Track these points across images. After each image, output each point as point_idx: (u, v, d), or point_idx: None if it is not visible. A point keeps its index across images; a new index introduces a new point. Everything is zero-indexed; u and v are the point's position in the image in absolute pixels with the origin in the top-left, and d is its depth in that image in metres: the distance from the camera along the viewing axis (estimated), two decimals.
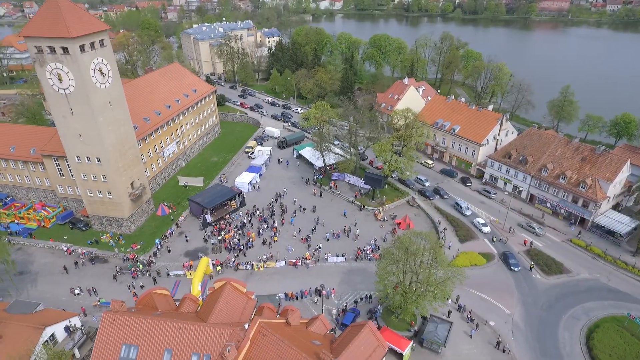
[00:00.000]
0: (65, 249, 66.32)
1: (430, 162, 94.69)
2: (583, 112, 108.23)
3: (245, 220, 72.98)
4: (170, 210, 77.17)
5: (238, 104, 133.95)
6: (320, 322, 40.44)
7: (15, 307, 47.11)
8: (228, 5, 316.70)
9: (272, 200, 79.54)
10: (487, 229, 70.64)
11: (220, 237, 68.15)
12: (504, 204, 77.67)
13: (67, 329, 46.50)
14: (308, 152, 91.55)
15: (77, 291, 57.43)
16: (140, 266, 61.34)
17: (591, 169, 71.04)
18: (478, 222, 72.13)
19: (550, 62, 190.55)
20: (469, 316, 52.76)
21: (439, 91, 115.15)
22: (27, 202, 79.65)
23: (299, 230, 70.00)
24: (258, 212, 75.50)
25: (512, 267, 61.85)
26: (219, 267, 61.54)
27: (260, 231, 69.82)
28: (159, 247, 66.32)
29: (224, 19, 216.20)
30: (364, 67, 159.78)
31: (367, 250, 64.95)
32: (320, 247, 65.61)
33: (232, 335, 35.02)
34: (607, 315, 53.75)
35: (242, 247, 65.84)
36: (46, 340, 43.56)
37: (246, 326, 34.75)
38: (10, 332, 42.99)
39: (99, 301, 55.66)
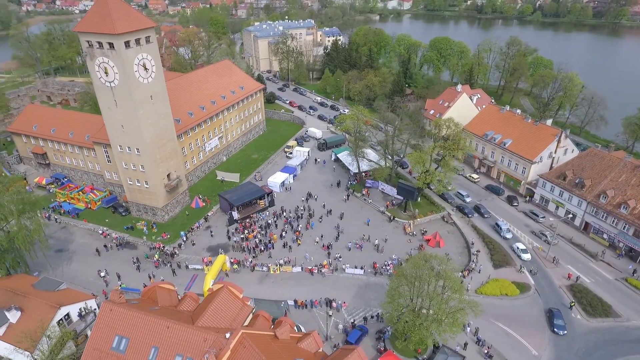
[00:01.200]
0: (100, 232, 70.59)
1: (475, 176, 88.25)
2: None
3: (270, 221, 72.81)
4: (204, 204, 79.33)
5: (287, 102, 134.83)
6: (312, 339, 38.71)
7: (42, 283, 50.46)
8: (295, 4, 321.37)
9: (303, 199, 78.76)
10: (527, 256, 64.12)
11: (242, 236, 68.59)
12: (552, 229, 70.10)
13: (81, 310, 48.99)
14: (345, 156, 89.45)
15: (102, 274, 60.71)
16: (156, 256, 63.33)
17: None
18: (518, 248, 65.71)
19: (636, 74, 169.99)
20: (487, 351, 47.92)
21: (492, 101, 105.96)
22: (80, 184, 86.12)
23: (322, 236, 68.39)
24: (285, 213, 75.03)
25: (555, 330, 50.98)
26: (235, 266, 61.83)
27: (283, 233, 69.21)
28: (184, 239, 68.20)
29: (286, 17, 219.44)
30: (420, 71, 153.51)
31: (388, 264, 61.76)
32: (340, 257, 63.55)
33: (215, 342, 34.51)
34: None
35: (262, 247, 65.70)
36: (60, 319, 46.16)
37: (227, 335, 34.00)
38: (32, 307, 46.00)
39: (120, 286, 58.31)
